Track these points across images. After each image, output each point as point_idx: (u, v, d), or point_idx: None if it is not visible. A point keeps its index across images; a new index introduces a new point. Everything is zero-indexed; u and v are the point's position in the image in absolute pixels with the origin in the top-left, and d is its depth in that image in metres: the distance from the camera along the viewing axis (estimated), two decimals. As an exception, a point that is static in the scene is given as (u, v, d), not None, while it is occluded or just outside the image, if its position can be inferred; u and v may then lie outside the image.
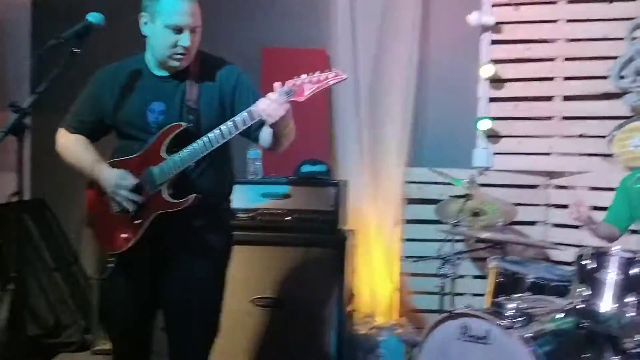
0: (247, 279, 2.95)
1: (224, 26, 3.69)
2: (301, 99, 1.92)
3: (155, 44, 2.00)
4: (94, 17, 1.97)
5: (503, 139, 3.55)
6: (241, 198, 2.99)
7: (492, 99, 3.55)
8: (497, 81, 3.54)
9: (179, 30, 1.94)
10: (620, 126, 3.26)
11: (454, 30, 3.63)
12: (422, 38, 3.65)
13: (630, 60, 3.26)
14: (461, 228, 3.10)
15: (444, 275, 2.95)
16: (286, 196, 3.01)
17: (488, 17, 3.48)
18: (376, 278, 3.54)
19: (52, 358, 3.36)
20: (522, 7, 3.50)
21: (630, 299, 2.07)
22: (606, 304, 2.12)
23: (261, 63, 3.59)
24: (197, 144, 1.94)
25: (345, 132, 3.62)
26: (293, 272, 2.95)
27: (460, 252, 3.10)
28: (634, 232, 2.90)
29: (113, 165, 2.07)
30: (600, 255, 2.18)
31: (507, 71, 3.52)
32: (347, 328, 3.08)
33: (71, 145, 2.15)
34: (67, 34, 1.94)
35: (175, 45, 1.95)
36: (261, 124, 2.01)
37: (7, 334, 3.00)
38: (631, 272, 2.10)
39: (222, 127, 1.94)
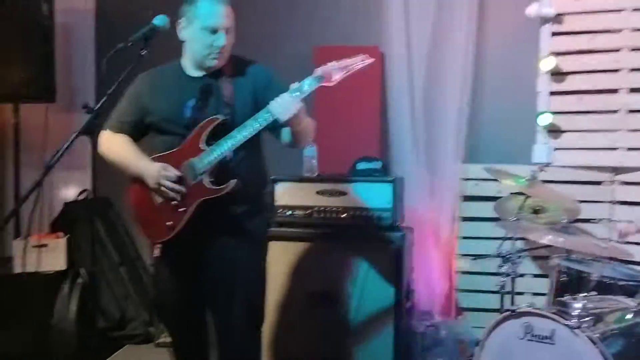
0: (305, 275, 2.99)
1: (276, 26, 3.76)
2: (331, 83, 2.11)
3: (193, 45, 2.17)
4: (159, 20, 2.10)
5: (564, 134, 3.44)
6: (298, 195, 3.05)
7: (553, 93, 3.44)
8: (558, 74, 3.43)
9: (214, 31, 2.11)
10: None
11: (512, 23, 3.54)
12: (479, 32, 3.58)
13: (703, 49, 3.10)
14: (522, 223, 3.02)
15: (504, 274, 2.90)
16: (342, 193, 3.03)
17: (548, 8, 3.37)
18: (434, 275, 3.51)
19: (118, 350, 3.51)
20: (584, -3, 3.38)
21: None
22: (680, 305, 2.03)
23: (313, 62, 3.60)
24: (234, 132, 2.09)
25: (400, 128, 3.60)
26: (350, 269, 2.96)
27: (520, 250, 3.03)
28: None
29: (155, 160, 2.20)
30: (673, 254, 2.09)
31: (569, 64, 3.41)
32: (405, 325, 3.06)
33: (114, 144, 2.29)
34: (135, 37, 2.05)
35: (211, 45, 2.13)
36: (282, 125, 2.17)
37: (78, 326, 3.17)
38: None
39: (259, 114, 2.10)
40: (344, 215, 3.00)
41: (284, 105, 2.08)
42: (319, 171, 3.15)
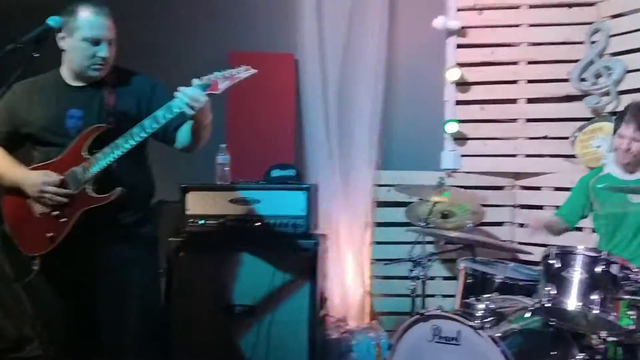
0: (217, 286, 2.91)
1: (193, 30, 3.68)
2: (217, 92, 2.11)
3: (74, 56, 2.13)
4: (54, 21, 2.00)
5: (470, 141, 3.61)
6: (210, 204, 2.97)
7: (459, 102, 3.60)
8: (463, 84, 3.59)
9: (96, 42, 2.11)
10: (581, 127, 3.35)
11: (421, 34, 3.68)
12: (390, 42, 3.69)
13: (590, 63, 3.36)
14: (431, 230, 3.13)
15: (415, 278, 2.97)
16: (256, 201, 2.99)
17: (453, 21, 3.53)
18: (347, 282, 3.55)
19: (16, 374, 3.26)
20: (486, 12, 3.57)
21: (594, 296, 2.11)
22: (572, 302, 2.15)
23: (229, 66, 3.56)
24: (119, 140, 2.07)
25: (314, 136, 3.63)
26: (264, 278, 2.93)
27: (430, 254, 3.13)
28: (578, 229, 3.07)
29: (34, 169, 2.15)
30: (565, 255, 2.22)
31: (473, 74, 3.58)
32: (319, 332, 3.07)
33: None
34: (27, 38, 1.91)
35: (94, 56, 2.11)
36: (178, 125, 2.20)
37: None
38: (595, 270, 2.14)
39: (144, 121, 2.08)
40: (258, 223, 2.96)
41: (193, 97, 2.05)
42: (231, 179, 3.10)
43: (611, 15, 3.34)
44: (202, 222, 2.96)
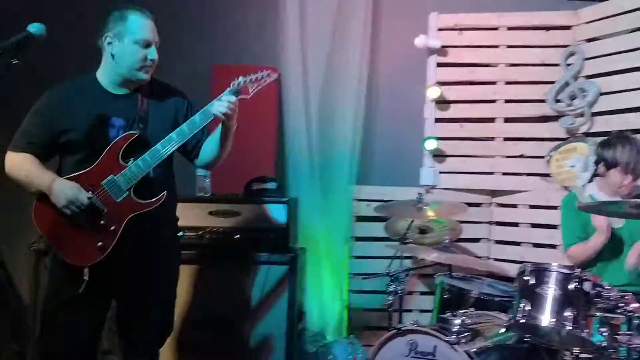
0: (196, 298, 2.90)
1: (176, 41, 3.66)
2: (248, 96, 2.23)
3: (123, 60, 2.15)
4: (34, 28, 1.94)
5: (449, 159, 3.66)
6: (189, 216, 2.96)
7: (438, 120, 3.65)
8: (443, 102, 3.65)
9: (147, 45, 2.16)
10: (556, 147, 3.43)
11: (403, 52, 3.74)
12: (372, 59, 3.74)
13: (566, 85, 3.45)
14: (409, 245, 3.16)
15: (393, 292, 2.99)
16: (236, 214, 2.99)
17: (434, 40, 3.59)
18: (326, 296, 3.55)
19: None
20: (466, 32, 3.64)
21: (568, 313, 2.14)
22: (546, 319, 2.18)
23: (212, 79, 3.59)
24: (158, 146, 2.13)
25: (295, 149, 3.64)
26: (242, 291, 2.92)
27: (408, 269, 3.15)
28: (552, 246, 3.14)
29: (71, 179, 2.12)
30: (539, 271, 2.26)
31: (453, 93, 3.65)
32: (296, 346, 3.06)
33: (24, 164, 2.16)
34: (6, 45, 1.88)
35: (145, 59, 2.17)
36: (204, 141, 2.29)
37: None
38: (569, 287, 2.18)
39: (183, 126, 2.16)
40: (237, 236, 2.96)
41: (228, 102, 2.16)
42: (212, 191, 3.10)
43: (586, 39, 3.45)
44: (181, 233, 2.95)
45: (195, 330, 2.89)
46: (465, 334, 2.28)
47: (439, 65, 3.64)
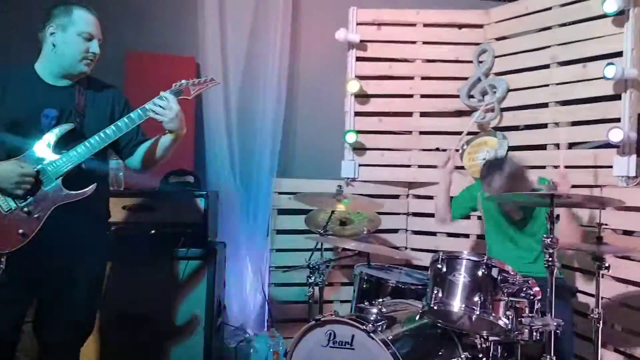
0: (112, 295, 2.77)
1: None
2: (189, 97, 2.28)
3: (65, 51, 2.17)
4: None
5: (368, 152, 3.73)
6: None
7: (358, 113, 3.71)
8: (362, 96, 3.71)
9: (90, 38, 2.19)
10: (469, 141, 3.58)
11: (324, 45, 3.77)
12: (293, 51, 3.74)
13: (478, 81, 3.60)
14: (329, 237, 3.19)
15: (313, 284, 3.01)
16: (151, 209, 2.90)
17: (353, 35, 3.64)
18: (246, 289, 3.53)
19: None
20: (385, 28, 3.72)
21: (477, 298, 2.25)
22: (457, 304, 2.28)
23: (126, 66, 3.45)
24: (93, 140, 2.14)
25: (215, 142, 3.58)
26: (160, 287, 2.84)
27: (328, 261, 3.18)
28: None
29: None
30: (451, 260, 2.36)
31: (372, 87, 3.71)
32: (216, 341, 3.02)
33: None
34: None
35: (87, 51, 2.19)
36: (140, 141, 2.32)
37: None
38: (478, 273, 2.29)
39: (119, 122, 2.18)
40: (153, 231, 2.87)
41: (167, 104, 2.18)
42: (125, 185, 2.98)
43: (496, 38, 3.61)
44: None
45: (112, 327, 2.78)
46: (381, 322, 2.32)
47: (359, 59, 3.70)
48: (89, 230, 2.22)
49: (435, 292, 2.33)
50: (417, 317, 2.47)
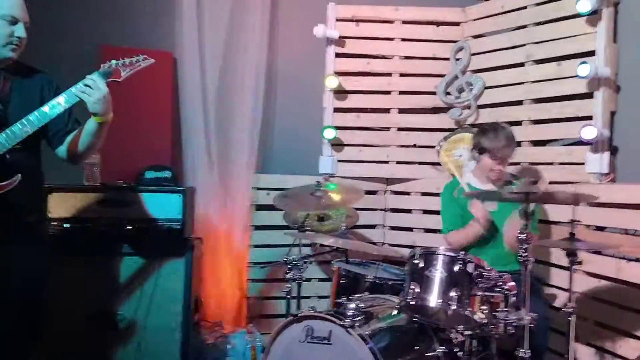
0: (84, 293, 2.74)
1: (60, 18, 3.42)
2: (119, 79, 2.14)
3: None
4: None
5: (346, 148, 3.74)
6: (76, 206, 2.80)
7: (337, 109, 3.71)
8: (340, 92, 3.71)
9: (14, 21, 2.07)
10: (446, 137, 3.61)
11: (303, 40, 3.75)
12: (271, 46, 3.73)
13: (455, 78, 3.64)
14: (307, 233, 3.19)
15: (291, 280, 3.01)
16: (127, 204, 2.86)
17: (332, 30, 3.64)
18: (224, 285, 3.51)
19: None
20: (363, 24, 3.72)
21: (453, 293, 2.27)
22: (433, 299, 2.30)
23: (100, 61, 3.38)
24: (15, 127, 2.02)
25: (192, 137, 3.55)
26: (136, 283, 2.81)
27: (306, 256, 3.18)
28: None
29: None
30: (428, 255, 2.38)
31: (350, 83, 3.72)
32: (193, 338, 3.00)
33: None
34: None
35: (11, 35, 2.07)
36: (70, 130, 2.19)
37: None
38: (454, 269, 2.31)
39: (44, 107, 2.06)
40: (129, 227, 2.83)
41: (94, 83, 2.06)
42: (101, 180, 2.94)
43: (473, 36, 3.65)
44: (67, 225, 2.78)
45: (87, 325, 2.74)
46: (359, 318, 2.34)
47: (337, 55, 3.70)
48: (21, 226, 2.08)
49: (412, 287, 2.35)
50: (395, 312, 2.49)
